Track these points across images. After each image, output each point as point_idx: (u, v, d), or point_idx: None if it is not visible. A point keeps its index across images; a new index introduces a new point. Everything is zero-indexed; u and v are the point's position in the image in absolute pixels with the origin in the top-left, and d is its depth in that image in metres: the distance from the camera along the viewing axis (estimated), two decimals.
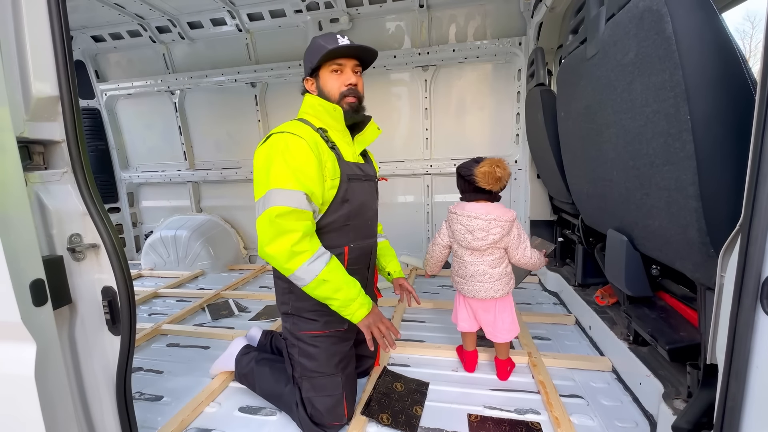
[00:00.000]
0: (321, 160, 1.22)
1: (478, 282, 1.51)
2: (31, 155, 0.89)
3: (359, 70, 1.35)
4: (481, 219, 1.44)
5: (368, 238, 1.41)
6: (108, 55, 3.70)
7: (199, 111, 3.68)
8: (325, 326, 1.34)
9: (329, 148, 1.26)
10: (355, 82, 1.31)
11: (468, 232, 1.47)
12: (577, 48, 1.49)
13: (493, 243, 1.45)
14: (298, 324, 1.36)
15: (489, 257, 1.50)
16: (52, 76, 0.87)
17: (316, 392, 1.30)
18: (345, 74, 1.30)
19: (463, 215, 1.48)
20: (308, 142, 1.20)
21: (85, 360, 0.95)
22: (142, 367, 1.80)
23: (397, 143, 3.30)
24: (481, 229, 1.44)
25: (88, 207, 0.92)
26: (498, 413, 1.37)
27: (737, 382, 0.71)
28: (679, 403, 1.15)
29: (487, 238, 1.44)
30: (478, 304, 1.56)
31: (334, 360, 1.33)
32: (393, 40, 3.12)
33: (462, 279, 1.56)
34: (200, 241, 3.39)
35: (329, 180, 1.24)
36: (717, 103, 0.85)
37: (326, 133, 1.30)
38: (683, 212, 0.97)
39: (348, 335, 1.39)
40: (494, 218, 1.43)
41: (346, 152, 1.32)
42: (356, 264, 1.37)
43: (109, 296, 0.93)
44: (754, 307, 0.67)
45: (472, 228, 1.46)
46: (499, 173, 1.40)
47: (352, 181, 1.30)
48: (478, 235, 1.45)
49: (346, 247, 1.33)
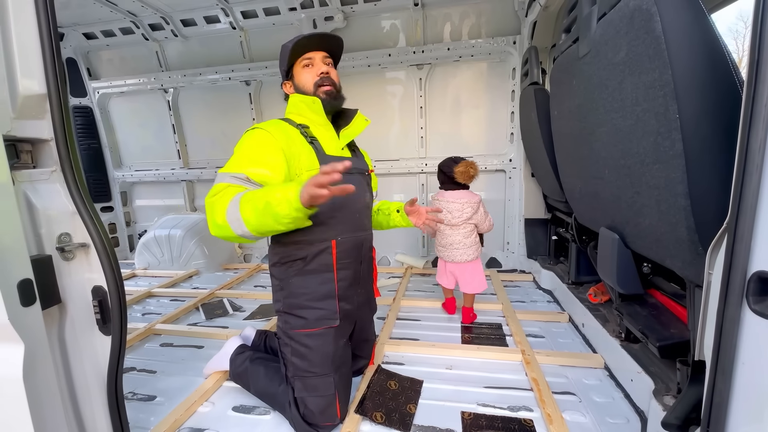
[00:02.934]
0: (291, 152, 1.23)
1: (455, 249, 2.02)
2: (19, 154, 0.88)
3: (330, 62, 1.39)
4: (457, 202, 1.99)
5: (359, 231, 1.40)
6: (100, 52, 3.66)
7: (193, 109, 3.65)
8: (317, 323, 1.32)
9: (308, 143, 1.28)
10: (327, 71, 1.35)
11: (448, 212, 1.99)
12: (569, 47, 1.49)
13: (466, 219, 1.99)
14: (290, 322, 1.35)
15: (462, 230, 2.01)
16: (39, 73, 0.86)
17: (308, 392, 1.29)
18: (316, 65, 1.35)
19: (444, 200, 2.02)
20: (273, 134, 1.22)
21: (75, 360, 0.94)
22: (135, 367, 1.79)
23: (392, 142, 3.30)
24: (457, 209, 1.98)
25: (78, 206, 0.91)
26: (491, 410, 1.38)
27: (724, 378, 0.71)
28: (669, 400, 1.16)
29: (462, 216, 1.99)
30: (454, 265, 2.06)
31: (326, 360, 1.32)
32: (388, 39, 3.12)
33: (443, 248, 2.07)
34: (194, 240, 3.37)
35: (305, 173, 1.24)
36: (705, 103, 0.86)
37: (307, 129, 1.32)
38: (672, 210, 0.98)
39: (341, 332, 1.38)
40: (466, 201, 1.99)
41: (328, 146, 1.33)
42: (346, 258, 1.36)
43: (99, 296, 0.93)
44: (739, 303, 0.68)
45: (451, 209, 1.99)
46: (472, 173, 1.97)
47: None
48: (455, 214, 1.98)
49: (333, 241, 1.32)
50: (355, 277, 1.40)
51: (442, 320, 2.17)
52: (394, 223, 1.63)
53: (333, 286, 1.34)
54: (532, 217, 2.94)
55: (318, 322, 1.33)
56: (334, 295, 1.34)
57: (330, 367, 1.32)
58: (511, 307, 2.24)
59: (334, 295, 1.34)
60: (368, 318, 1.59)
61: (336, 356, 1.34)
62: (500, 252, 3.28)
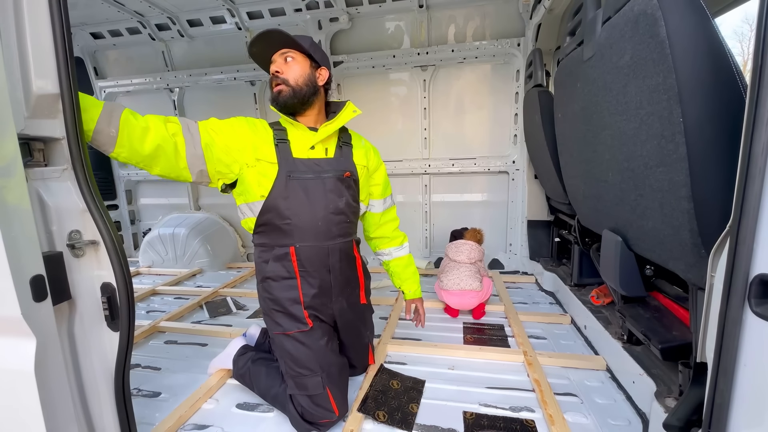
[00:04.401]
0: (254, 144, 1.29)
1: (462, 278, 2.23)
2: (32, 152, 0.89)
3: (291, 56, 1.31)
4: (467, 245, 2.35)
5: (322, 240, 1.33)
6: (107, 52, 3.70)
7: (198, 109, 3.68)
8: (290, 327, 1.32)
9: (274, 144, 1.30)
10: (277, 69, 1.30)
11: (458, 252, 2.34)
12: (574, 50, 1.50)
13: (473, 261, 2.31)
14: (269, 324, 1.36)
15: (469, 267, 2.27)
16: (52, 73, 0.87)
17: (300, 391, 1.29)
18: (273, 65, 1.33)
19: (455, 245, 2.39)
20: (242, 123, 1.31)
21: (84, 355, 0.95)
22: (140, 363, 1.81)
23: (395, 142, 3.31)
24: (467, 252, 2.32)
25: (88, 204, 0.92)
26: (493, 411, 1.39)
27: (725, 379, 0.72)
28: (671, 402, 1.17)
29: (471, 256, 2.31)
30: (458, 296, 2.24)
31: (310, 361, 1.30)
32: (392, 40, 3.13)
33: (449, 280, 2.25)
34: (198, 239, 3.40)
35: (265, 162, 1.28)
36: (709, 106, 0.86)
37: (284, 131, 1.34)
38: (676, 213, 0.99)
39: (318, 334, 1.34)
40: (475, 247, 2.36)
41: (297, 148, 1.32)
42: (309, 266, 1.33)
43: (108, 292, 0.94)
44: (741, 306, 0.69)
45: (462, 250, 2.34)
46: (478, 237, 2.54)
47: (294, 178, 1.29)
48: (465, 255, 2.31)
49: (291, 248, 1.31)
50: (323, 286, 1.37)
51: (445, 321, 2.17)
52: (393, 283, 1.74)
53: (297, 293, 1.33)
54: (535, 219, 2.94)
55: (290, 326, 1.32)
56: (299, 302, 1.33)
57: (315, 366, 1.30)
58: (513, 309, 2.25)
59: (300, 302, 1.33)
60: (355, 325, 1.52)
61: (319, 356, 1.32)
62: (503, 253, 3.28)
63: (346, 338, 1.52)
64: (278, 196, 1.28)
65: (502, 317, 2.20)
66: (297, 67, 1.31)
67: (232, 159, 1.27)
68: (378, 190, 1.57)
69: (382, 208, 1.61)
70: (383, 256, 1.69)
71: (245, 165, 1.28)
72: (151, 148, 1.09)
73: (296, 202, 1.29)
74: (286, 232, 1.30)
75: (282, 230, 1.30)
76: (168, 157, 1.14)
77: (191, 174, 1.22)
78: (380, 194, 1.59)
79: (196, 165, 1.21)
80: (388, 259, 1.68)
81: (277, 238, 1.32)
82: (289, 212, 1.28)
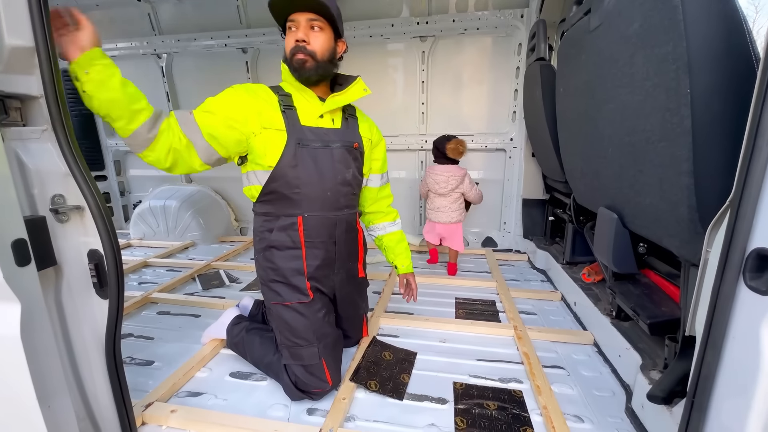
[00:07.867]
0: (259, 111, 1.23)
1: (441, 212, 2.47)
2: (7, 110, 0.84)
3: (318, 26, 1.22)
4: (444, 175, 2.41)
5: (330, 210, 1.33)
6: (89, 12, 3.47)
7: (187, 77, 3.53)
8: (289, 297, 1.32)
9: (281, 111, 1.25)
10: (303, 38, 1.21)
11: (436, 183, 2.44)
12: (580, 19, 1.44)
13: (451, 189, 2.42)
14: (267, 294, 1.36)
15: (449, 198, 2.45)
16: (26, 25, 0.81)
17: (295, 360, 1.30)
18: (298, 30, 1.22)
19: (434, 173, 2.45)
20: (242, 91, 1.24)
21: (73, 323, 0.94)
22: (132, 333, 1.81)
23: (391, 117, 3.23)
24: (443, 181, 2.41)
25: (71, 167, 0.88)
26: (482, 381, 1.42)
27: (714, 351, 0.73)
28: (655, 374, 1.20)
29: (447, 186, 2.42)
30: (440, 226, 2.50)
31: (307, 331, 1.31)
32: (391, 8, 2.99)
33: (432, 210, 2.52)
34: (190, 212, 3.35)
35: (273, 130, 1.24)
36: (719, 78, 0.84)
37: (289, 97, 1.28)
38: (675, 189, 0.98)
39: (317, 305, 1.35)
40: (451, 174, 2.40)
41: (305, 115, 1.28)
42: (315, 237, 1.33)
43: (95, 259, 0.92)
44: (736, 279, 0.69)
45: (439, 181, 2.42)
46: (461, 149, 2.38)
47: (304, 146, 1.26)
48: (442, 185, 2.41)
49: (299, 217, 1.29)
50: (327, 258, 1.36)
51: (437, 296, 2.20)
52: (386, 258, 1.73)
53: (301, 263, 1.32)
54: (530, 198, 2.93)
55: (291, 296, 1.32)
56: (302, 273, 1.32)
57: (312, 337, 1.31)
58: (505, 285, 2.27)
59: (303, 273, 1.32)
60: (352, 297, 1.54)
61: (316, 328, 1.33)
62: (496, 232, 3.29)
63: (343, 310, 1.53)
64: (287, 164, 1.25)
65: (494, 293, 2.23)
66: (324, 39, 1.24)
67: (239, 133, 1.23)
68: (377, 164, 1.57)
69: (379, 183, 1.60)
70: (377, 230, 1.68)
71: (252, 134, 1.24)
72: (171, 162, 1.16)
73: (306, 171, 1.27)
74: (295, 202, 1.29)
75: (290, 199, 1.28)
76: (185, 160, 1.19)
77: (210, 166, 1.26)
78: (379, 169, 1.58)
79: (211, 156, 1.23)
80: (381, 234, 1.68)
81: (284, 207, 1.29)
82: (298, 181, 1.26)
